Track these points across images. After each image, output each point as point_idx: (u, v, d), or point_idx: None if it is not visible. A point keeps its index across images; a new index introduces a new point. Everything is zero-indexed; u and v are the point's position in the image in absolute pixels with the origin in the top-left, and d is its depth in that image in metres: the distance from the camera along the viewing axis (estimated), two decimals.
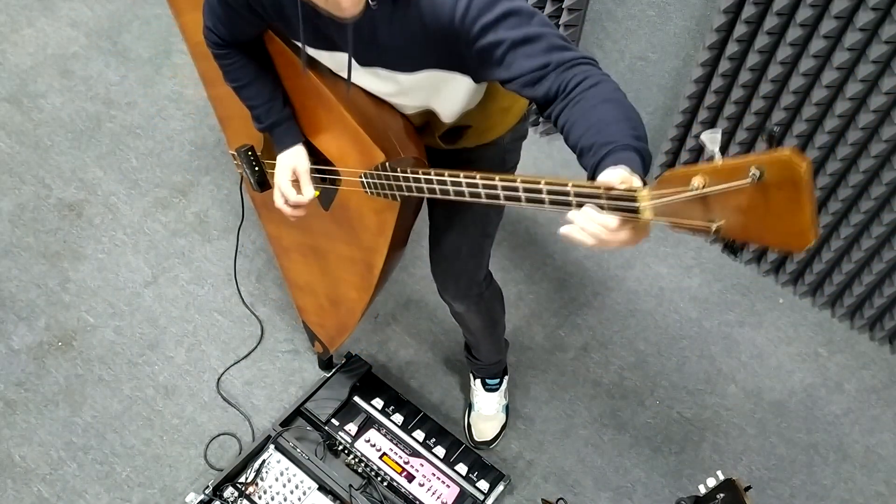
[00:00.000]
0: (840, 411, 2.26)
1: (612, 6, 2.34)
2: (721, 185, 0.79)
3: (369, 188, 1.43)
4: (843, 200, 2.15)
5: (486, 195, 1.13)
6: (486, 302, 1.82)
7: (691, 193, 0.82)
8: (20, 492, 1.95)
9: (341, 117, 1.41)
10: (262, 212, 1.98)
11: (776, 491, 2.10)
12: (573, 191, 0.98)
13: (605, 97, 1.08)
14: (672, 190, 0.84)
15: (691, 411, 2.23)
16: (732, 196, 0.79)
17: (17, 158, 2.63)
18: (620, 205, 0.92)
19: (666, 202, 0.86)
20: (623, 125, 1.04)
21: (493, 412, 2.10)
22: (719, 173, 0.79)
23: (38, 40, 2.98)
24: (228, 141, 1.89)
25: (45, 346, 2.21)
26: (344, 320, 1.90)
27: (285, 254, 1.99)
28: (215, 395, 2.15)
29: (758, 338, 2.39)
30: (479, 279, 1.75)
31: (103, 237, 2.46)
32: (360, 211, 1.54)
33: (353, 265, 1.69)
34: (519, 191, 1.06)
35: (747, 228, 0.81)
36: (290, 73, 1.49)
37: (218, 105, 1.83)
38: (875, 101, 1.91)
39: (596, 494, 2.06)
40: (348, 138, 1.42)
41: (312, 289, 1.95)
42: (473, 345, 2.01)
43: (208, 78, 1.78)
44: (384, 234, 1.52)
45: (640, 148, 1.03)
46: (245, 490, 1.89)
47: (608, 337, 2.36)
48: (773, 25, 1.95)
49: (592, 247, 0.98)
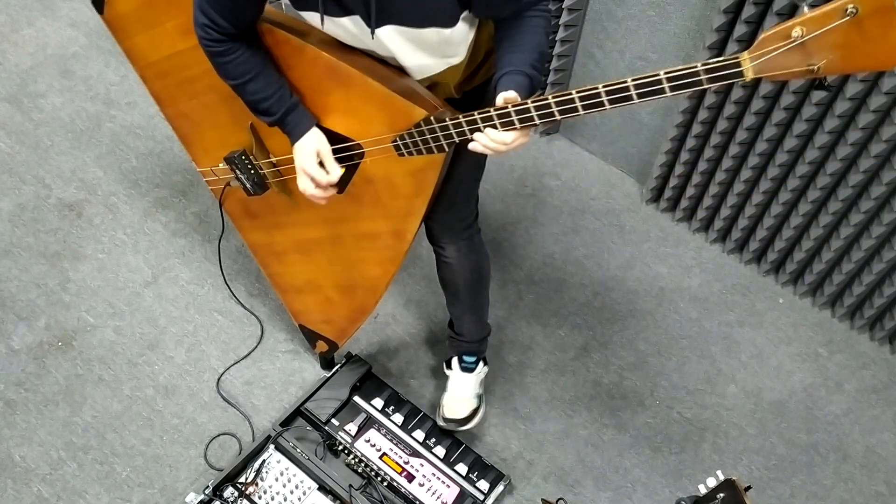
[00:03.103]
0: (840, 411, 2.26)
1: (612, 6, 2.34)
2: (820, 28, 0.96)
3: (406, 149, 1.45)
4: (844, 200, 2.15)
5: (557, 111, 1.24)
6: (476, 247, 1.87)
7: (794, 43, 0.98)
8: (20, 492, 1.95)
9: (365, 87, 1.42)
10: (245, 223, 1.95)
11: (776, 491, 2.10)
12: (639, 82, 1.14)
13: (530, 30, 1.40)
14: (773, 46, 1.00)
15: (691, 411, 2.23)
16: (831, 35, 0.96)
17: (17, 158, 2.63)
18: (723, 73, 1.06)
19: (768, 58, 1.01)
20: (527, 55, 1.37)
21: (467, 395, 2.06)
22: (814, 21, 0.96)
23: (38, 40, 2.98)
24: (197, 159, 1.85)
25: (45, 346, 2.21)
26: (361, 303, 1.88)
27: (278, 259, 1.97)
28: (215, 395, 2.15)
29: (758, 338, 2.39)
30: (472, 220, 1.84)
31: (103, 237, 2.46)
32: (391, 179, 1.54)
33: (376, 240, 1.69)
34: (575, 101, 1.20)
35: (846, 60, 0.98)
36: (295, 61, 1.48)
37: (182, 123, 1.80)
38: (875, 101, 1.90)
39: (596, 494, 2.06)
40: (375, 106, 1.44)
41: (316, 285, 1.94)
42: (458, 315, 2.01)
43: (164, 98, 1.76)
44: (423, 193, 1.53)
45: (532, 75, 1.36)
46: (245, 490, 1.89)
47: (608, 337, 2.36)
48: (773, 25, 1.95)
49: (493, 154, 1.35)
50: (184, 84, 1.69)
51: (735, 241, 2.54)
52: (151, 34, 1.64)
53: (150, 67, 1.71)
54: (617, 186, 2.75)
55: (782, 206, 2.31)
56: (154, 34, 1.63)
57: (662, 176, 2.58)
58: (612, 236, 2.61)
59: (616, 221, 2.65)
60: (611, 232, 2.62)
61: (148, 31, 1.64)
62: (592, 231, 2.62)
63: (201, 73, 1.58)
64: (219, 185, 1.82)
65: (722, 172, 2.38)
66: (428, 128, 1.39)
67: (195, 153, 1.85)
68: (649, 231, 2.64)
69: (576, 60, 2.58)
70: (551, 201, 2.69)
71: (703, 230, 2.62)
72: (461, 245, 1.83)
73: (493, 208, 2.65)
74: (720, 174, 2.39)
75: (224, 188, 1.81)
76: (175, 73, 1.68)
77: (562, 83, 2.67)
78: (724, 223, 2.52)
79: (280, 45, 1.48)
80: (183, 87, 1.70)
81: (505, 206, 2.66)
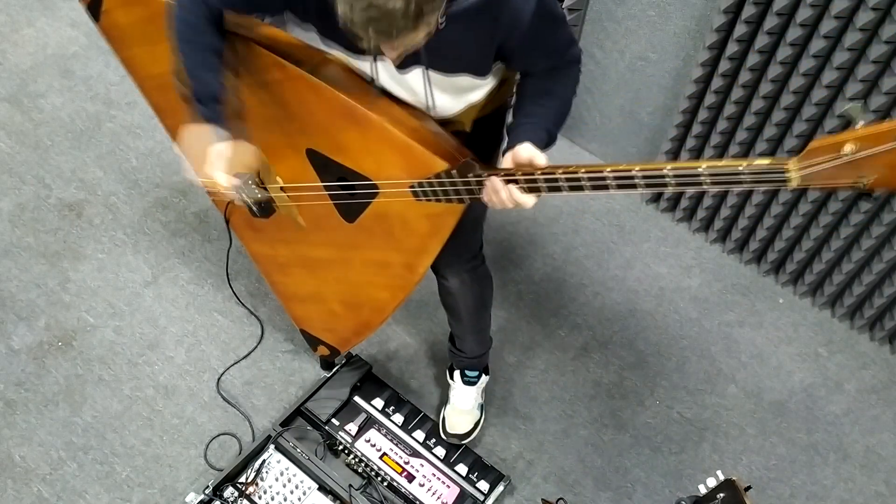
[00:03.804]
0: (840, 411, 2.26)
1: (612, 6, 2.34)
2: (872, 148, 0.97)
3: (424, 196, 1.42)
4: (843, 200, 2.15)
5: (588, 186, 1.24)
6: (479, 277, 1.86)
7: (846, 159, 0.99)
8: (20, 492, 1.95)
9: (383, 132, 1.40)
10: (247, 233, 1.93)
11: (776, 491, 2.10)
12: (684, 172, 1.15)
13: (562, 80, 1.42)
14: (822, 158, 1.01)
15: (691, 411, 2.23)
16: (882, 156, 0.97)
17: (17, 158, 2.63)
18: (767, 177, 1.07)
19: (817, 170, 1.02)
20: (552, 109, 1.39)
21: (469, 407, 2.08)
22: (867, 139, 0.97)
23: (38, 40, 2.98)
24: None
25: (45, 346, 2.21)
26: (367, 320, 1.86)
27: (281, 269, 1.95)
28: (215, 395, 2.15)
29: (758, 338, 2.39)
30: (477, 251, 1.82)
31: (103, 237, 2.46)
32: (405, 217, 1.52)
33: (385, 268, 1.67)
34: (607, 179, 1.20)
35: (893, 179, 0.99)
36: (310, 97, 1.45)
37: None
38: (875, 100, 1.90)
39: (596, 494, 2.06)
40: (393, 152, 1.41)
41: (320, 298, 1.92)
42: (460, 335, 2.01)
43: (165, 109, 1.72)
44: (439, 235, 1.51)
45: (551, 132, 1.37)
46: (245, 490, 1.89)
47: (608, 337, 2.36)
48: (773, 25, 1.95)
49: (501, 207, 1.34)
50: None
51: (735, 241, 2.54)
52: (153, 49, 1.60)
53: (151, 80, 1.68)
54: None
55: (782, 206, 2.31)
56: (156, 50, 1.59)
57: None
58: (612, 236, 2.61)
59: (616, 221, 2.65)
60: (611, 232, 2.62)
61: (149, 46, 1.60)
62: (592, 231, 2.62)
63: None
64: (221, 198, 1.78)
65: None
66: (449, 180, 1.37)
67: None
68: (649, 231, 2.64)
69: None
70: (551, 201, 2.69)
71: (703, 230, 2.62)
72: (465, 277, 1.80)
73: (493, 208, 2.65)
74: None
75: (227, 206, 1.79)
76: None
77: None
78: (724, 223, 2.52)
79: (293, 80, 1.45)
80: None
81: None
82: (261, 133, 1.55)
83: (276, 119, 1.55)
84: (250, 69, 1.49)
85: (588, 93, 2.61)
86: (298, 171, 1.57)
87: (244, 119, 1.47)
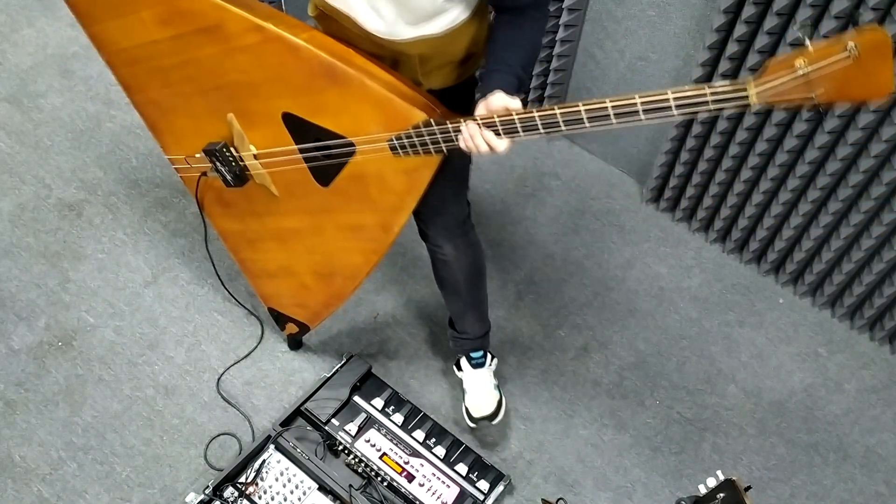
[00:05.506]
0: (840, 411, 2.26)
1: (612, 6, 2.34)
2: (819, 62, 1.04)
3: (402, 150, 1.45)
4: (843, 200, 2.15)
5: (563, 124, 1.26)
6: (472, 243, 1.88)
7: (798, 74, 1.05)
8: (20, 492, 1.95)
9: (362, 88, 1.42)
10: (216, 210, 1.93)
11: (776, 491, 2.10)
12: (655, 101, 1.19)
13: (530, 27, 1.43)
14: (776, 75, 1.07)
15: (691, 411, 2.23)
16: (831, 69, 1.03)
17: (17, 158, 2.63)
18: (729, 98, 1.12)
19: (771, 87, 1.08)
20: (521, 55, 1.41)
21: (487, 389, 2.07)
22: (815, 55, 1.04)
23: (38, 40, 2.98)
24: (166, 146, 1.83)
25: (45, 346, 2.21)
26: (338, 290, 1.88)
27: (251, 245, 1.95)
28: (215, 395, 2.15)
29: (758, 338, 2.39)
30: (465, 216, 1.85)
31: (103, 237, 2.46)
32: (382, 175, 1.54)
33: (359, 231, 1.68)
34: (582, 115, 1.23)
35: (841, 91, 1.05)
36: (287, 58, 1.46)
37: (152, 110, 1.77)
38: None
39: (596, 494, 2.06)
40: (372, 106, 1.44)
41: (291, 271, 1.92)
42: (459, 313, 2.01)
43: (133, 84, 1.73)
44: (415, 190, 1.53)
45: (521, 77, 1.39)
46: (245, 490, 1.89)
47: (608, 337, 2.36)
48: (773, 25, 1.95)
49: (474, 153, 1.36)
50: (156, 72, 1.65)
51: (735, 241, 2.54)
52: (123, 21, 1.59)
53: (120, 54, 1.67)
54: (617, 186, 2.75)
55: (782, 206, 2.31)
56: (126, 22, 1.59)
57: (662, 176, 2.58)
58: (612, 236, 2.61)
59: (616, 221, 2.65)
60: (611, 232, 2.62)
61: (119, 19, 1.59)
62: (592, 231, 2.62)
63: (178, 63, 1.56)
64: (191, 173, 1.78)
65: (722, 172, 2.38)
66: (427, 130, 1.40)
67: (164, 141, 1.83)
68: (649, 231, 2.64)
69: (576, 60, 2.58)
70: (551, 201, 2.69)
71: (703, 230, 2.62)
72: (458, 242, 1.83)
73: (493, 208, 2.66)
74: (720, 174, 2.39)
75: (199, 178, 1.79)
76: (147, 61, 1.64)
77: (562, 83, 2.67)
78: (724, 223, 2.52)
79: (271, 42, 1.46)
80: (155, 76, 1.66)
81: (505, 206, 2.66)
82: (234, 101, 1.57)
83: (250, 85, 1.55)
84: (225, 36, 1.49)
85: (588, 93, 2.62)
86: (273, 137, 1.58)
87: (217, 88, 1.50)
